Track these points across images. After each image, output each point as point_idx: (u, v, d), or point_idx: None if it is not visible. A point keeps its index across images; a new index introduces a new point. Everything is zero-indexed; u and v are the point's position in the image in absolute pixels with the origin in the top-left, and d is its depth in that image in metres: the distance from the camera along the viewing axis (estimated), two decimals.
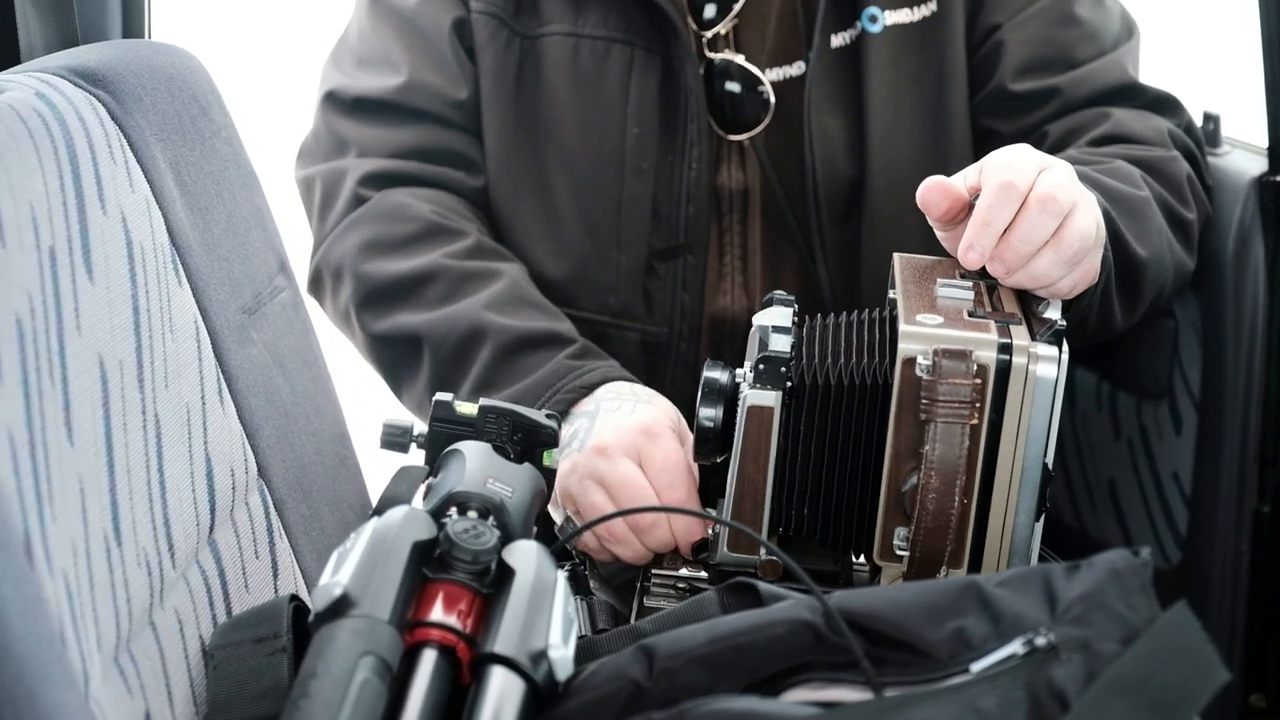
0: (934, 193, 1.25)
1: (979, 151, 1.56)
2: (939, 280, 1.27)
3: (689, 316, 1.57)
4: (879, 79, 1.53)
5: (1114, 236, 1.32)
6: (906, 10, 1.53)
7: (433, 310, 1.49)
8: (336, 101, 1.61)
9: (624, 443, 1.33)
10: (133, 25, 1.45)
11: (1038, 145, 1.51)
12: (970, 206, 1.23)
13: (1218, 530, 1.51)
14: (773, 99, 1.53)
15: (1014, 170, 1.20)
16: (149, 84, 1.19)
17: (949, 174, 1.52)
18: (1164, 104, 1.55)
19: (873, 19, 1.52)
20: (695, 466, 1.33)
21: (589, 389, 1.41)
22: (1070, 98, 1.54)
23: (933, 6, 1.53)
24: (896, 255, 1.33)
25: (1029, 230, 1.19)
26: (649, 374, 1.46)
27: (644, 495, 1.30)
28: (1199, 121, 1.57)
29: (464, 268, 1.50)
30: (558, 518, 1.39)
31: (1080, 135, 1.51)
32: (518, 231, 1.58)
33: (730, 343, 1.57)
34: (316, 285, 1.59)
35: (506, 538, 1.01)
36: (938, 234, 1.29)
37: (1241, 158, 1.54)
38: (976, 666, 0.91)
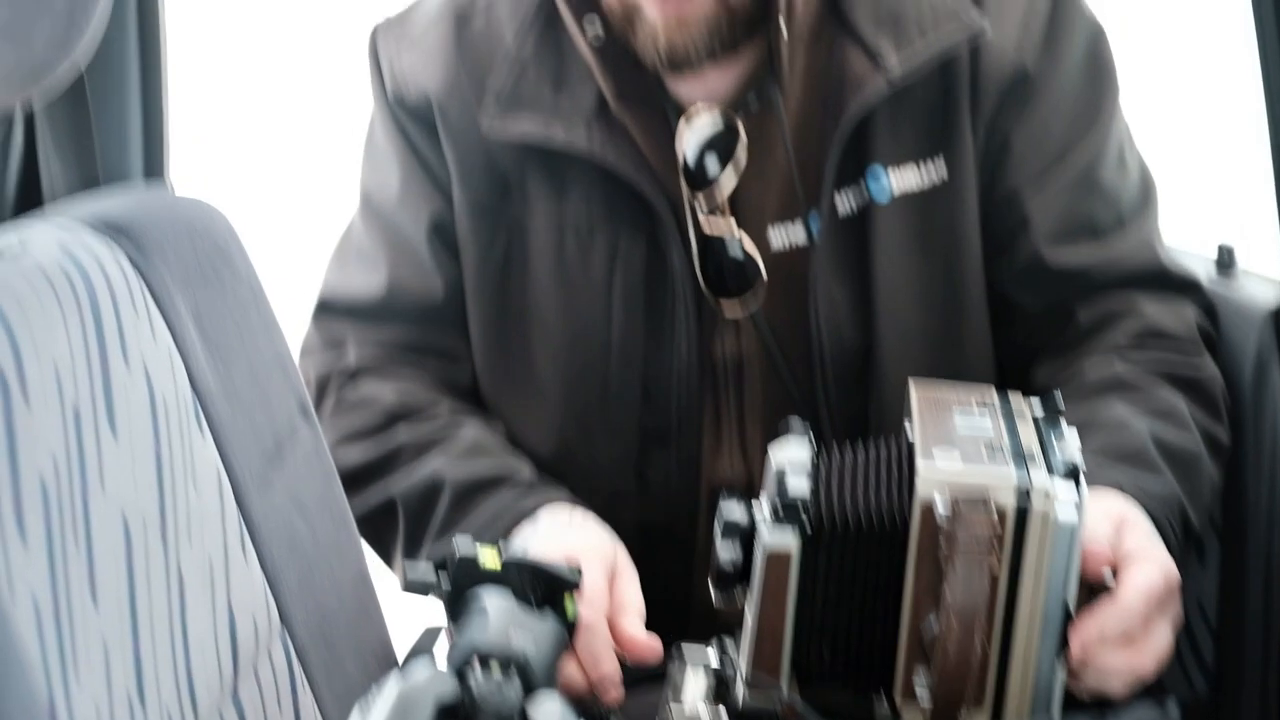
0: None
1: (996, 322, 1.55)
2: (956, 410, 1.27)
3: (684, 497, 1.54)
4: (887, 247, 1.49)
5: (1183, 522, 1.36)
6: (913, 169, 1.49)
7: (401, 477, 1.50)
8: (328, 306, 1.64)
9: None
10: (153, 166, 1.48)
11: (1064, 328, 1.51)
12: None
13: (1245, 661, 1.50)
14: (764, 274, 1.50)
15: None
16: (171, 232, 1.20)
17: (962, 344, 1.53)
18: (1187, 288, 1.54)
19: (876, 177, 1.48)
20: (634, 599, 1.32)
21: (529, 513, 1.42)
22: (1100, 280, 1.51)
23: (942, 170, 1.49)
24: (912, 381, 1.33)
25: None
26: (645, 557, 1.42)
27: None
28: (1213, 254, 1.57)
29: (427, 435, 1.52)
30: None
31: (1111, 325, 1.50)
32: (506, 419, 1.58)
33: None
34: None
35: (529, 689, 1.01)
36: None
37: (1256, 287, 1.54)
38: None
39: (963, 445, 1.21)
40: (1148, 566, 1.23)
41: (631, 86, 1.49)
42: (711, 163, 1.49)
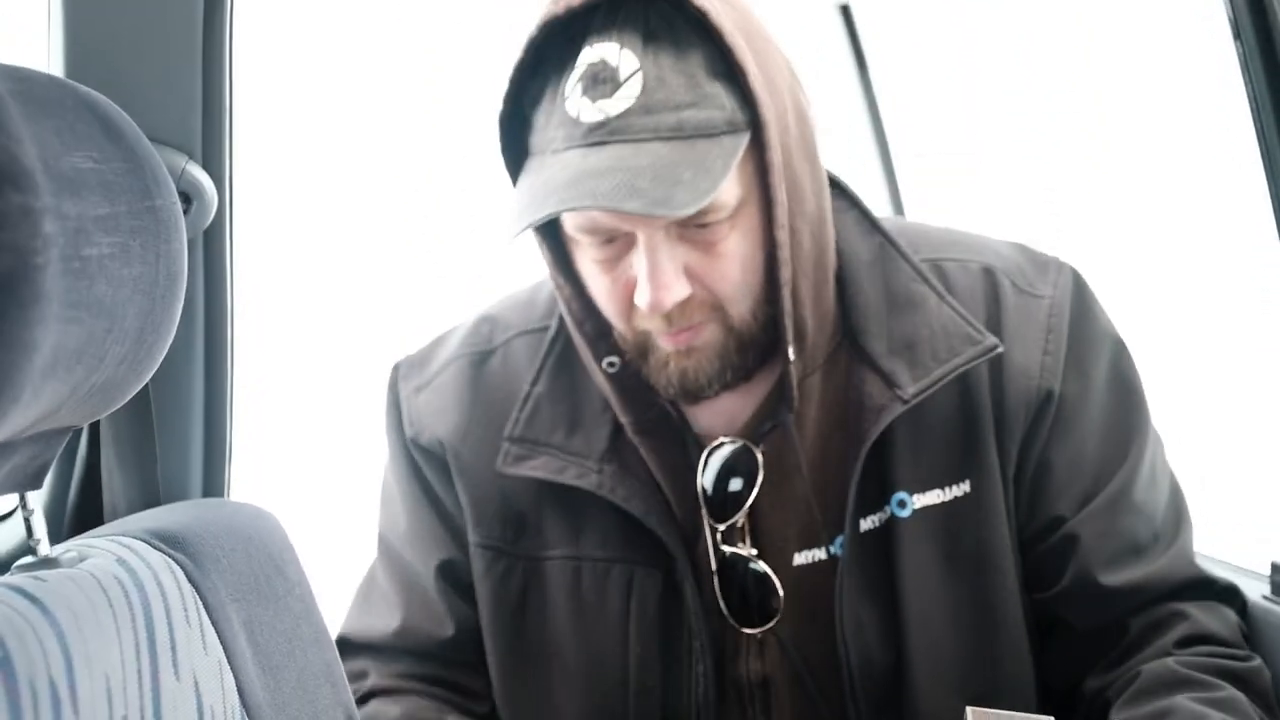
0: None
1: (1041, 639, 1.53)
2: None
3: None
4: (912, 563, 1.48)
5: None
6: (937, 491, 1.49)
7: None
8: (348, 644, 1.65)
9: None
10: (213, 484, 1.50)
11: (1118, 640, 1.49)
12: None
13: None
14: (781, 593, 1.49)
15: None
16: (227, 544, 1.22)
17: (999, 661, 1.49)
18: (1229, 595, 1.53)
19: (901, 504, 1.48)
20: None
21: None
22: (1150, 595, 1.50)
23: (965, 487, 1.49)
24: (970, 709, 1.30)
25: None
26: None
27: None
28: (1267, 571, 1.55)
29: None
30: None
31: (1161, 633, 1.48)
32: None
33: None
34: None
35: None
36: None
37: None
38: None
39: None
40: None
41: (649, 418, 1.51)
42: (730, 490, 1.49)
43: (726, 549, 1.50)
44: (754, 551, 1.50)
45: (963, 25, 2.85)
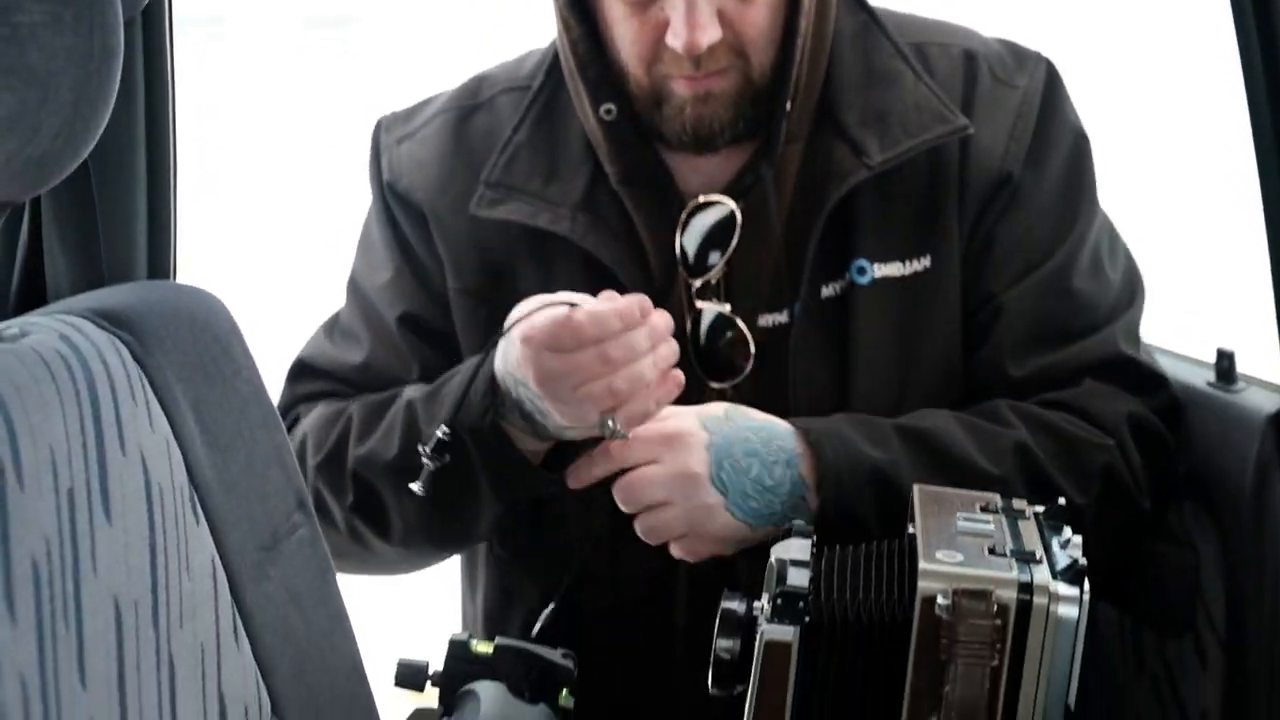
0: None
1: None
2: (959, 514, 1.27)
3: (661, 582, 1.50)
4: (867, 331, 1.50)
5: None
6: (898, 264, 1.51)
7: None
8: (308, 367, 1.66)
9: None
10: (158, 265, 1.48)
11: None
12: None
13: None
14: (753, 349, 1.50)
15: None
16: (172, 325, 1.21)
17: None
18: (1147, 384, 1.53)
19: (861, 271, 1.50)
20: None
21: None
22: (1057, 375, 1.51)
23: (926, 262, 1.51)
24: (916, 486, 1.33)
25: None
26: (621, 649, 1.44)
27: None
28: (1212, 359, 1.57)
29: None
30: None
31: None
32: None
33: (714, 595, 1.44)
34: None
35: None
36: None
37: (1257, 394, 1.53)
38: None
39: (965, 546, 1.21)
40: None
41: (636, 168, 1.53)
42: (707, 248, 1.51)
43: (700, 303, 1.52)
44: (727, 307, 1.52)
45: None
